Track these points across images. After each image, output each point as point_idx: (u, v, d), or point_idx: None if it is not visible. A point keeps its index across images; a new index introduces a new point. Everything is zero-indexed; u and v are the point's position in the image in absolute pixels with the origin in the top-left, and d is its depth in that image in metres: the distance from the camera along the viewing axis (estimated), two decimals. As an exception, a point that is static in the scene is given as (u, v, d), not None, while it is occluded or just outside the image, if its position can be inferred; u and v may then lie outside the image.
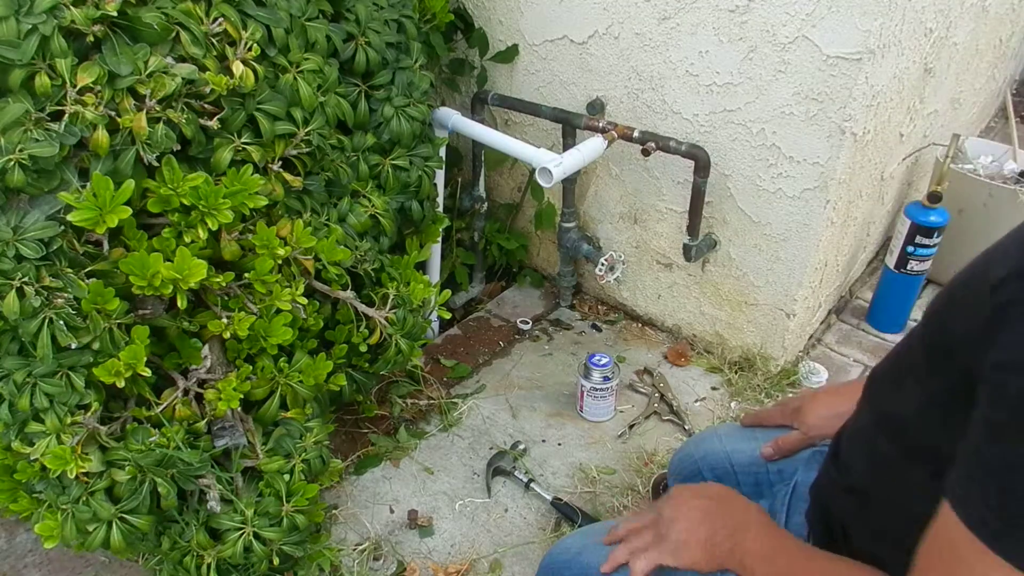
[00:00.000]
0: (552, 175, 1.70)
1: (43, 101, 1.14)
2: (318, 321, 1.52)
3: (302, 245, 1.40)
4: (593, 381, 1.86)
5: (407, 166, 1.70)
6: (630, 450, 1.83)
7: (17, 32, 1.11)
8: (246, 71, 1.30)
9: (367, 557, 1.58)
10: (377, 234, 1.67)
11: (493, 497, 1.72)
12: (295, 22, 1.44)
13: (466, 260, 2.36)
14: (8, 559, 1.58)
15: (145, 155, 1.22)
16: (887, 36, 1.55)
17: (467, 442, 1.86)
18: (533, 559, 1.57)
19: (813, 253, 1.83)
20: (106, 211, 1.14)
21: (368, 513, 1.68)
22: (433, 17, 1.87)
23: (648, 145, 1.83)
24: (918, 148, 2.19)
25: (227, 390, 1.33)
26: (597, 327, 2.26)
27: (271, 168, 1.42)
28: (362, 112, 1.61)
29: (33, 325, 1.15)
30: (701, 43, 1.74)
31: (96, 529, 1.26)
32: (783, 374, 2.02)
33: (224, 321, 1.33)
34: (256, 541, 1.35)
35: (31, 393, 1.18)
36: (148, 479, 1.28)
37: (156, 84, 1.21)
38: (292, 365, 1.47)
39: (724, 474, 1.14)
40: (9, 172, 1.11)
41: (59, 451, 1.19)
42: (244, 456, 1.40)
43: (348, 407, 1.90)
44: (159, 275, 1.19)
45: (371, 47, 1.59)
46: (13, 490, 1.28)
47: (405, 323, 1.60)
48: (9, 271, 1.12)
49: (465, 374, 2.06)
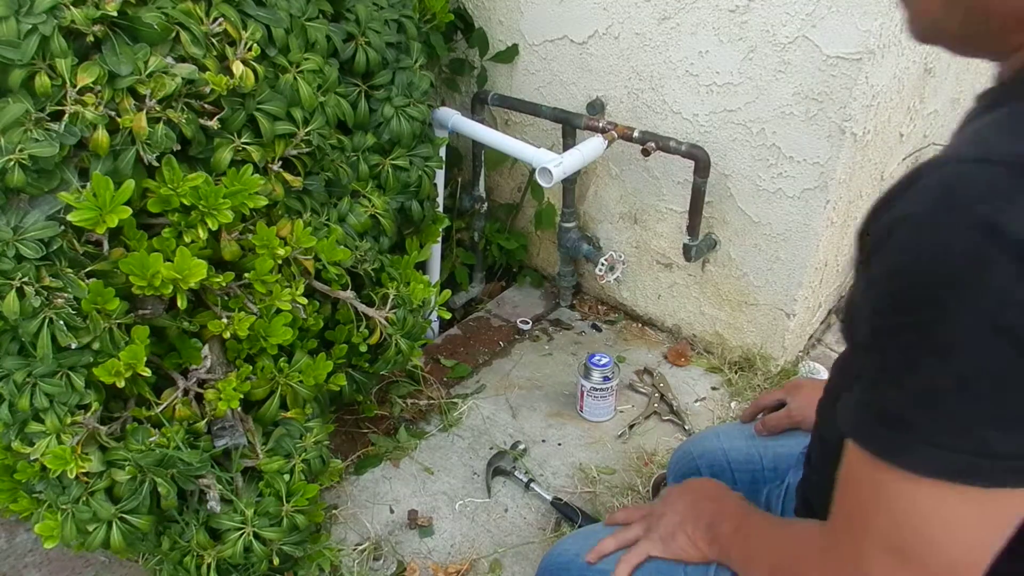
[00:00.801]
0: (552, 175, 1.70)
1: (43, 101, 1.14)
2: (318, 321, 1.52)
3: (302, 245, 1.40)
4: (593, 381, 1.86)
5: (407, 166, 1.70)
6: (630, 450, 1.83)
7: (17, 32, 1.11)
8: (246, 71, 1.30)
9: (367, 557, 1.58)
10: (377, 234, 1.67)
11: (493, 497, 1.72)
12: (295, 22, 1.44)
13: (466, 260, 2.36)
14: (8, 559, 1.58)
15: (145, 155, 1.22)
16: (887, 36, 1.55)
17: (467, 442, 1.86)
18: (533, 559, 1.57)
19: (813, 253, 1.83)
20: (106, 211, 1.14)
21: (368, 513, 1.68)
22: (433, 17, 1.87)
23: (648, 145, 1.83)
24: (918, 148, 2.19)
25: (227, 390, 1.33)
26: (597, 327, 2.26)
27: (271, 168, 1.42)
28: (362, 112, 1.61)
29: (33, 325, 1.15)
30: (701, 43, 1.74)
31: (96, 529, 1.26)
32: (783, 374, 2.02)
33: (224, 321, 1.33)
34: (256, 541, 1.35)
35: (31, 393, 1.18)
36: (148, 479, 1.28)
37: (156, 84, 1.21)
38: (292, 365, 1.47)
39: (720, 471, 1.15)
40: (9, 172, 1.11)
41: (59, 451, 1.19)
42: (244, 456, 1.40)
43: (348, 407, 1.90)
44: (159, 275, 1.19)
45: (371, 47, 1.59)
46: (13, 490, 1.28)
47: (405, 323, 1.60)
48: (9, 271, 1.12)
49: (465, 374, 2.06)
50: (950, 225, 0.47)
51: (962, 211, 0.47)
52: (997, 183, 0.46)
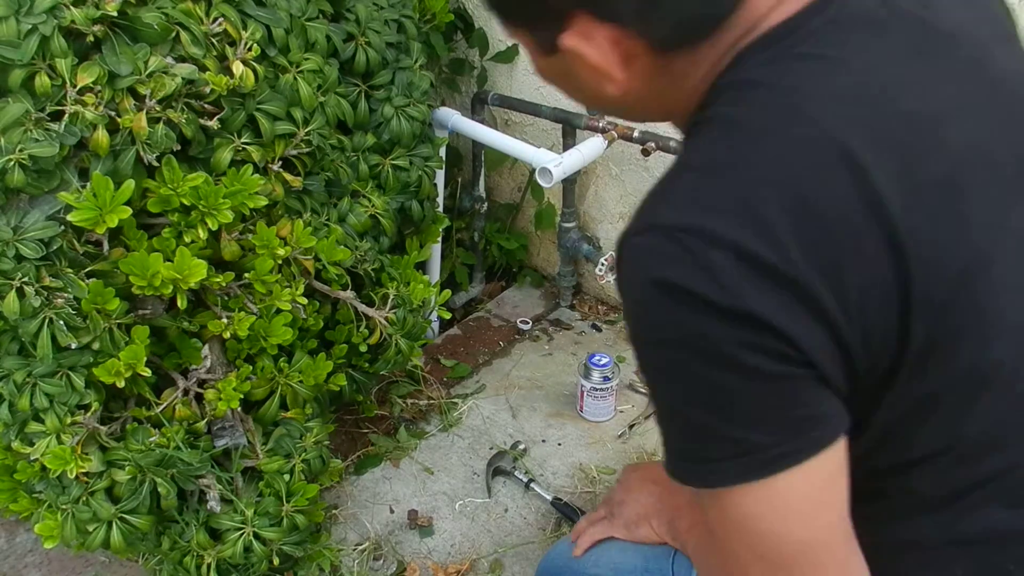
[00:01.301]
0: (552, 175, 1.70)
1: (43, 101, 1.14)
2: (318, 321, 1.52)
3: (302, 245, 1.40)
4: (593, 381, 1.86)
5: (407, 166, 1.70)
6: (630, 450, 1.83)
7: (17, 32, 1.11)
8: (246, 71, 1.30)
9: (367, 557, 1.58)
10: (377, 234, 1.67)
11: (493, 497, 1.72)
12: (295, 22, 1.44)
13: (466, 260, 2.36)
14: (8, 559, 1.58)
15: (145, 155, 1.22)
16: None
17: (467, 442, 1.86)
18: (533, 559, 1.57)
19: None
20: (106, 211, 1.14)
21: (368, 513, 1.68)
22: (433, 17, 1.86)
23: (648, 145, 1.83)
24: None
25: (227, 390, 1.33)
26: (597, 327, 2.26)
27: (271, 168, 1.42)
28: (362, 112, 1.61)
29: (33, 325, 1.15)
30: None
31: (96, 529, 1.26)
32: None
33: (224, 321, 1.33)
34: (256, 541, 1.35)
35: (31, 393, 1.18)
36: (148, 479, 1.28)
37: (156, 84, 1.21)
38: (292, 365, 1.47)
39: None
40: (9, 172, 1.11)
41: (59, 451, 1.19)
42: (244, 456, 1.40)
43: (348, 407, 1.90)
44: (159, 275, 1.19)
45: (371, 47, 1.59)
46: (13, 490, 1.28)
47: (405, 323, 1.60)
48: (9, 271, 1.12)
49: (465, 374, 2.06)
50: (632, 288, 0.58)
51: (641, 276, 0.57)
52: (656, 248, 0.56)
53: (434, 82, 1.80)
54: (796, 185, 0.54)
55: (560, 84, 0.67)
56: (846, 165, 0.54)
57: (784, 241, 0.53)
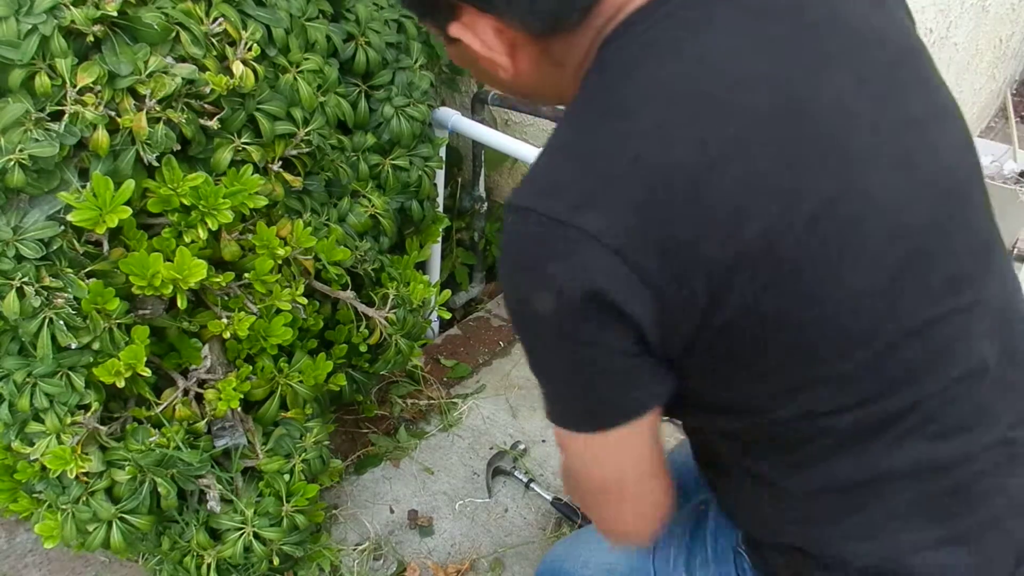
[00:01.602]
0: (552, 175, 1.70)
1: (43, 101, 1.14)
2: (318, 321, 1.52)
3: (302, 245, 1.40)
4: (593, 381, 1.86)
5: (407, 166, 1.70)
6: (630, 450, 1.83)
7: (17, 32, 1.11)
8: (246, 71, 1.30)
9: (367, 557, 1.58)
10: (377, 234, 1.67)
11: (493, 497, 1.72)
12: (295, 22, 1.44)
13: (466, 260, 2.36)
14: (8, 559, 1.58)
15: (145, 155, 1.22)
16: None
17: (467, 442, 1.86)
18: (533, 559, 1.57)
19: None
20: (106, 211, 1.14)
21: (368, 513, 1.68)
22: (433, 17, 1.86)
23: (648, 145, 1.83)
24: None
25: (227, 390, 1.33)
26: (597, 327, 2.26)
27: (271, 168, 1.42)
28: (362, 112, 1.61)
29: (33, 325, 1.15)
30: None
31: (96, 529, 1.26)
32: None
33: (224, 321, 1.33)
34: (256, 541, 1.35)
35: (31, 393, 1.18)
36: (148, 479, 1.28)
37: (156, 84, 1.21)
38: (292, 365, 1.47)
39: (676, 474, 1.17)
40: (9, 172, 1.11)
41: (59, 451, 1.19)
42: (244, 456, 1.40)
43: (348, 407, 1.90)
44: (159, 275, 1.19)
45: (371, 47, 1.59)
46: (13, 490, 1.28)
47: (405, 323, 1.60)
48: (9, 271, 1.12)
49: (465, 374, 2.06)
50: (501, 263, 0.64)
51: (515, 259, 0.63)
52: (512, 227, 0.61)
53: (434, 82, 1.80)
54: (633, 173, 0.58)
55: (470, 69, 0.72)
56: (663, 149, 0.58)
57: (621, 220, 0.57)
